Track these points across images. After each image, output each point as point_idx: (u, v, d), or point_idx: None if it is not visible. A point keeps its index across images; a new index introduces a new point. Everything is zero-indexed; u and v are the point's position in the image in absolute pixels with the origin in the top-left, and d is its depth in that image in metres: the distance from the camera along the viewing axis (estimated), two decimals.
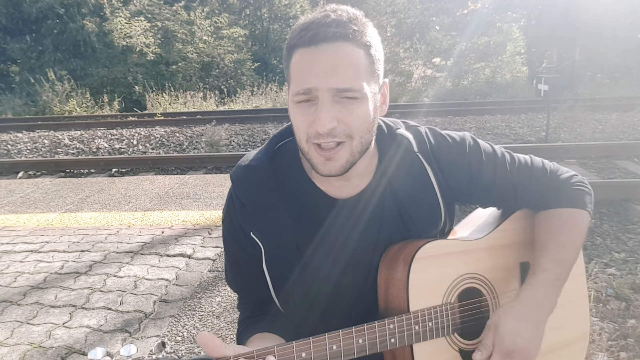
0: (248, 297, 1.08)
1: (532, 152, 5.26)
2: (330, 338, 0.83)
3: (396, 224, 0.99)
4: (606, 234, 3.46)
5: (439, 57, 15.57)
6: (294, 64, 0.87)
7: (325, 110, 0.83)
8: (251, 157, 1.02)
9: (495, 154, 1.04)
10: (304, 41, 0.84)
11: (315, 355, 0.81)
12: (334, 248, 0.98)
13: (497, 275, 1.03)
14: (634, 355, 1.93)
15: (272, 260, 0.98)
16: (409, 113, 8.59)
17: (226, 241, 1.05)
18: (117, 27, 14.37)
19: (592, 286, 2.44)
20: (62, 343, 2.21)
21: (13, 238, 3.56)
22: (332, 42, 0.83)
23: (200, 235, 3.47)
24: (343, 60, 0.83)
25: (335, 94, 0.83)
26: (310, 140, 0.87)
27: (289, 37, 0.90)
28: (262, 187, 0.97)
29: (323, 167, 0.89)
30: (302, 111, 0.86)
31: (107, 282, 2.79)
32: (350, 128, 0.85)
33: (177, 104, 12.24)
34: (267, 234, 0.97)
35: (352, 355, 0.85)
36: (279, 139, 1.05)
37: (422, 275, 0.92)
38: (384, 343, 0.87)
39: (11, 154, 7.71)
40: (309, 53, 0.84)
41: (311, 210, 0.98)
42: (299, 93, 0.85)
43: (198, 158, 6.28)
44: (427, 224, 1.01)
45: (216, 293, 2.63)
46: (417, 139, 1.02)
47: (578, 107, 8.22)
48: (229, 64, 15.93)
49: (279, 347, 0.79)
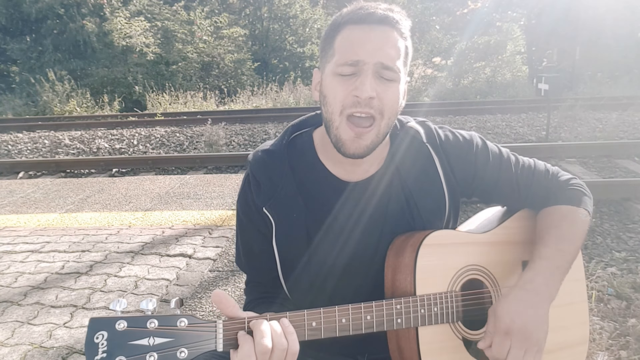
0: (257, 276, 1.11)
1: (533, 151, 5.23)
2: (340, 311, 0.87)
3: (402, 210, 1.03)
4: (607, 233, 3.46)
5: (439, 57, 15.57)
6: (342, 38, 0.93)
7: (369, 80, 0.90)
8: (269, 144, 1.08)
9: (501, 154, 1.10)
10: (358, 18, 0.92)
11: (325, 326, 0.86)
12: (341, 231, 1.02)
13: (500, 270, 1.05)
14: (634, 354, 1.93)
15: (281, 237, 1.02)
16: (409, 113, 8.36)
17: (239, 220, 1.09)
18: (117, 27, 14.37)
19: (593, 285, 2.44)
20: (63, 343, 2.21)
21: (14, 238, 3.56)
22: (383, 25, 0.91)
23: (201, 235, 3.47)
24: (390, 42, 0.92)
25: (378, 69, 0.90)
26: (345, 110, 0.92)
27: (337, 16, 0.97)
28: (277, 169, 1.03)
29: (351, 144, 0.94)
30: (343, 81, 0.92)
31: (108, 282, 2.79)
32: (384, 105, 0.92)
33: (178, 104, 12.24)
34: (279, 211, 1.02)
35: (360, 330, 0.88)
36: (294, 129, 1.10)
37: (429, 261, 0.95)
38: (390, 322, 0.91)
39: (12, 154, 7.72)
40: (361, 29, 0.92)
41: (322, 193, 1.03)
42: (345, 64, 0.91)
43: (198, 158, 6.29)
44: (432, 214, 1.04)
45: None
46: (427, 131, 1.08)
47: (578, 106, 8.21)
48: (229, 63, 15.93)
49: (291, 314, 0.84)
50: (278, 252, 1.03)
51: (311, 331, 0.85)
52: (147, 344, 0.76)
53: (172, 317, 0.79)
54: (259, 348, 0.78)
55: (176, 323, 0.79)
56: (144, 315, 0.78)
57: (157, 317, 0.78)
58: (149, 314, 0.79)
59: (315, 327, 0.85)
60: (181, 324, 0.79)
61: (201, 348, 0.79)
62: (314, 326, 0.85)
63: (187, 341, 0.78)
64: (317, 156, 1.05)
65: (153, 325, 0.77)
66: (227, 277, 2.81)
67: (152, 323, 0.77)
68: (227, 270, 2.89)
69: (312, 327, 0.85)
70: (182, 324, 0.79)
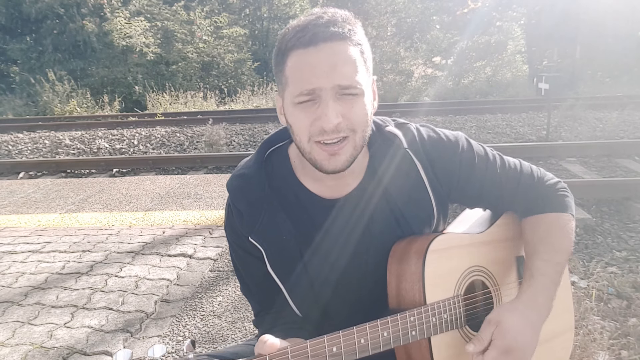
0: (266, 301, 1.07)
1: (533, 151, 5.22)
2: (358, 331, 0.84)
3: (388, 221, 1.00)
4: (607, 233, 3.45)
5: (439, 56, 15.56)
6: (291, 67, 0.88)
7: (330, 107, 0.85)
8: (243, 164, 1.05)
9: (487, 156, 1.06)
10: (302, 42, 0.85)
11: (345, 349, 0.83)
12: (328, 248, 0.99)
13: (498, 268, 1.05)
14: (635, 353, 1.93)
15: (275, 262, 1.00)
16: (410, 112, 8.58)
17: (233, 249, 1.07)
18: (116, 27, 14.37)
19: (593, 285, 2.44)
20: (64, 343, 2.21)
21: (14, 238, 3.56)
22: (331, 42, 0.85)
23: (202, 235, 3.47)
24: (342, 58, 0.85)
25: (337, 91, 0.85)
26: (313, 138, 0.88)
27: (281, 41, 0.90)
28: (256, 194, 0.99)
29: (328, 163, 0.90)
30: (304, 111, 0.88)
31: (109, 282, 2.79)
32: (353, 123, 0.88)
33: (178, 104, 12.24)
34: (267, 237, 0.98)
35: (379, 348, 0.86)
36: (267, 145, 1.07)
37: (436, 267, 0.94)
38: (406, 336, 0.89)
39: (12, 154, 7.72)
40: (308, 54, 0.85)
41: (304, 212, 1.00)
42: (302, 94, 0.86)
43: (199, 158, 6.29)
44: (420, 221, 1.02)
45: (217, 293, 2.63)
46: (407, 135, 1.03)
47: (579, 106, 8.21)
48: (229, 63, 15.92)
49: (311, 342, 0.80)
50: (276, 275, 1.01)
51: (332, 357, 0.81)
52: None
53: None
54: None
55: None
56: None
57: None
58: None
59: (336, 353, 0.82)
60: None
61: None
62: (334, 351, 0.81)
63: None
64: (295, 175, 1.02)
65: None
66: (227, 277, 2.81)
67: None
68: (227, 270, 2.89)
69: (333, 353, 0.81)
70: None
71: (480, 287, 1.02)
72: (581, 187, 4.09)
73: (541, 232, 1.03)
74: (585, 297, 2.23)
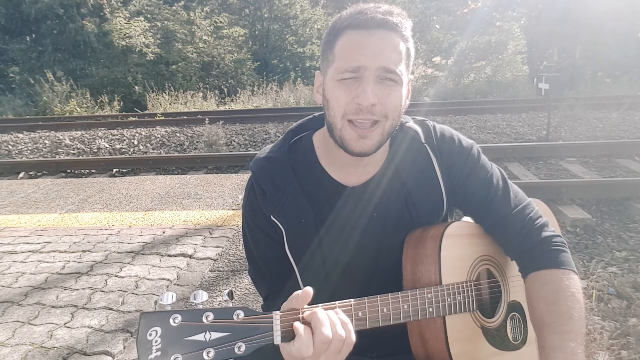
0: (276, 284, 1.09)
1: (533, 151, 5.20)
2: (382, 300, 0.88)
3: (401, 210, 1.04)
4: (607, 233, 3.46)
5: (439, 56, 15.58)
6: (342, 44, 0.93)
7: (370, 87, 0.90)
8: (269, 149, 1.09)
9: (493, 167, 1.08)
10: (357, 23, 0.91)
11: (370, 315, 0.86)
12: (344, 231, 1.03)
13: (505, 261, 1.09)
14: (634, 353, 1.93)
15: (293, 243, 1.03)
16: (409, 112, 8.44)
17: (249, 229, 1.09)
18: (116, 27, 14.38)
19: (593, 285, 2.44)
20: (64, 343, 2.21)
21: (14, 238, 3.56)
22: (383, 29, 0.91)
23: (202, 235, 3.47)
24: (390, 45, 0.91)
25: (380, 74, 0.90)
26: (347, 116, 0.92)
27: (336, 21, 0.96)
28: (280, 174, 1.03)
29: (356, 144, 0.94)
30: (345, 87, 0.92)
31: (109, 282, 2.79)
32: (387, 109, 0.92)
33: (178, 104, 12.24)
34: (288, 218, 1.02)
35: (399, 319, 0.90)
36: (293, 134, 1.11)
37: (451, 252, 0.98)
38: (424, 311, 0.93)
39: (12, 154, 7.72)
40: (360, 35, 0.91)
41: (323, 197, 1.04)
42: (347, 70, 0.91)
43: (199, 158, 6.29)
44: (430, 214, 1.05)
45: (217, 293, 2.63)
46: (425, 131, 1.08)
47: (579, 106, 8.21)
48: (229, 63, 15.93)
49: (340, 304, 0.84)
50: (292, 256, 1.04)
51: (358, 321, 0.85)
52: (203, 340, 0.71)
53: (228, 310, 0.74)
54: (319, 337, 0.74)
55: (232, 316, 0.74)
56: (200, 309, 0.73)
57: (213, 310, 0.73)
58: (202, 307, 0.74)
59: (361, 317, 0.85)
60: (238, 316, 0.74)
61: (259, 342, 0.74)
62: (360, 316, 0.85)
63: (244, 335, 0.73)
64: (317, 160, 1.06)
65: (209, 319, 0.72)
66: (227, 277, 2.81)
67: (208, 316, 0.72)
68: (227, 270, 2.89)
69: (359, 317, 0.85)
70: (239, 316, 0.74)
71: (490, 276, 1.06)
72: (581, 187, 4.09)
73: (546, 298, 0.94)
74: (585, 297, 2.23)
